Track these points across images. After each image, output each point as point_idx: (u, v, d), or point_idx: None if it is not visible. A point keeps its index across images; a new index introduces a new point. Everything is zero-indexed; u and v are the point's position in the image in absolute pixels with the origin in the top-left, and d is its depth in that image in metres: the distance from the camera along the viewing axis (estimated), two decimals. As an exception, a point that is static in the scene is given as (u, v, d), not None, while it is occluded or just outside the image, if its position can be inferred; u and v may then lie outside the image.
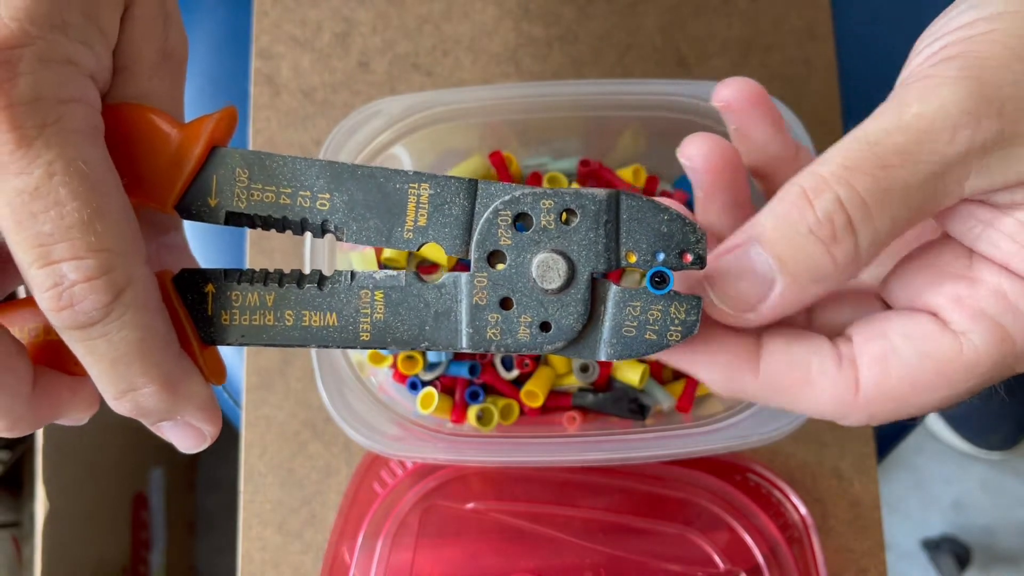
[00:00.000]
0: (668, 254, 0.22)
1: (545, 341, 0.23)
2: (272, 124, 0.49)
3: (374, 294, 0.23)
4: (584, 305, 0.23)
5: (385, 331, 0.23)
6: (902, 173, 0.21)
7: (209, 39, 0.54)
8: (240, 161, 0.23)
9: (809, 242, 0.22)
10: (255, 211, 0.23)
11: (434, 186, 0.23)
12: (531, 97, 0.40)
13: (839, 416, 0.24)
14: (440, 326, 0.23)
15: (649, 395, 0.43)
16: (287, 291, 0.23)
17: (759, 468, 0.44)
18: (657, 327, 0.23)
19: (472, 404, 0.42)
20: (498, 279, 0.23)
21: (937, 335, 0.23)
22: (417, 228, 0.23)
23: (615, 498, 0.43)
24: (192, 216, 0.23)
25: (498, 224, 0.23)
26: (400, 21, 0.50)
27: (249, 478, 0.46)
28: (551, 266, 0.22)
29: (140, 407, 0.23)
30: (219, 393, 0.54)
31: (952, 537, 1.06)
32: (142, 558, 0.91)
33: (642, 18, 0.50)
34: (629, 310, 0.23)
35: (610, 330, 0.23)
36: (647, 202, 0.22)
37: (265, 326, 0.23)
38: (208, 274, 0.24)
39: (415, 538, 0.42)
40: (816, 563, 0.42)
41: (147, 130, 0.23)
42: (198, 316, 0.24)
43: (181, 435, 0.24)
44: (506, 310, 0.23)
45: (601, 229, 0.22)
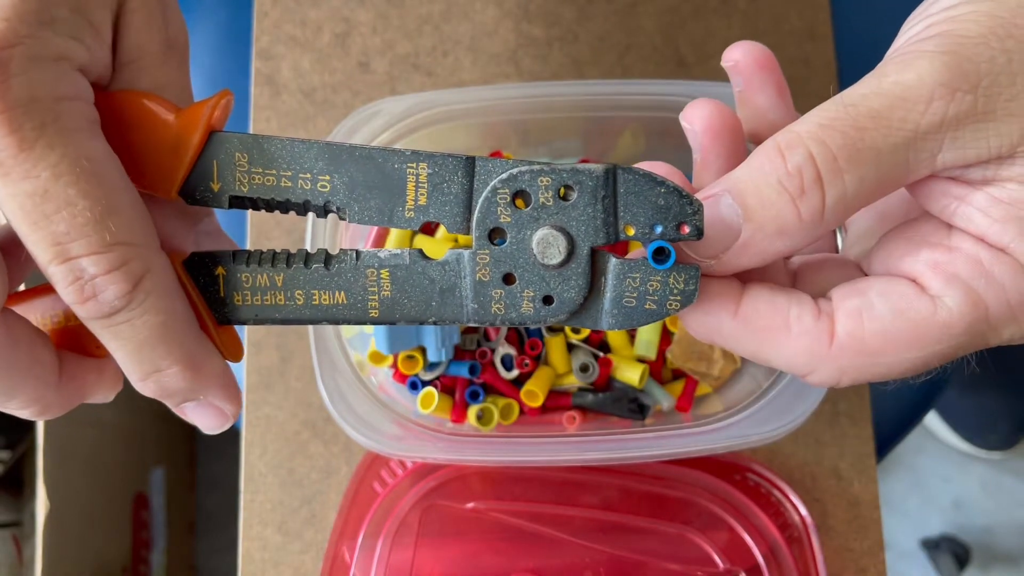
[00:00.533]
0: (665, 226, 0.23)
1: (549, 314, 0.23)
2: (272, 124, 0.49)
3: (380, 272, 0.24)
4: (585, 279, 0.23)
5: (393, 307, 0.24)
6: (874, 136, 0.22)
7: (209, 39, 0.54)
8: (239, 145, 0.23)
9: (777, 193, 0.22)
10: (258, 194, 0.23)
11: (432, 164, 0.23)
12: (531, 97, 0.40)
13: (809, 368, 0.24)
14: (446, 301, 0.24)
15: (649, 395, 0.43)
16: (295, 271, 0.24)
17: (758, 468, 0.44)
18: (657, 297, 0.23)
19: (472, 404, 0.42)
20: (500, 256, 0.23)
21: (913, 296, 0.23)
22: (418, 207, 0.23)
23: (615, 498, 0.43)
24: (196, 201, 0.24)
25: (497, 202, 0.23)
26: (400, 21, 0.50)
27: (249, 478, 0.46)
28: (551, 243, 0.23)
29: (165, 388, 0.23)
30: (219, 393, 0.54)
31: (951, 537, 1.06)
32: (143, 558, 0.91)
33: (642, 18, 0.50)
34: (629, 281, 0.23)
35: (611, 301, 0.23)
36: (644, 176, 0.23)
37: (277, 305, 0.24)
38: (218, 256, 0.24)
39: (415, 538, 0.42)
40: (816, 563, 0.42)
41: (145, 117, 0.23)
42: (211, 298, 0.24)
43: (204, 415, 0.25)
44: (509, 285, 0.23)
45: (599, 204, 0.23)
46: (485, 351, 0.43)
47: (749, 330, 0.24)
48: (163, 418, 0.98)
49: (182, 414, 0.25)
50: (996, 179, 0.22)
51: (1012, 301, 0.22)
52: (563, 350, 0.43)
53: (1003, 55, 0.21)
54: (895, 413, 0.52)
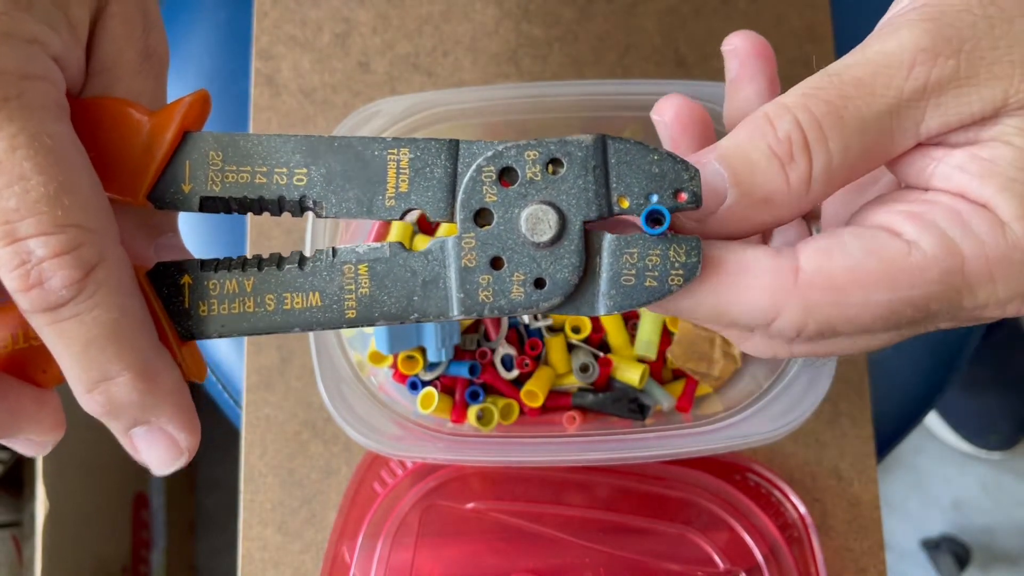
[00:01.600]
0: (661, 195, 0.21)
1: (541, 298, 0.22)
2: (272, 124, 0.49)
3: (358, 268, 0.22)
4: (579, 256, 0.22)
5: (371, 306, 0.22)
6: (859, 103, 0.22)
7: (209, 39, 0.54)
8: (213, 144, 0.22)
9: (765, 159, 0.22)
10: (230, 193, 0.22)
11: (414, 150, 0.22)
12: (531, 97, 0.40)
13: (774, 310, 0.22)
14: (429, 295, 0.22)
15: (649, 395, 0.43)
16: (267, 274, 0.22)
17: (759, 468, 0.44)
18: (657, 273, 0.22)
19: (472, 404, 0.42)
20: (486, 238, 0.22)
21: (887, 239, 0.22)
22: (399, 194, 0.22)
23: (615, 498, 0.43)
24: (166, 205, 0.23)
25: (482, 181, 0.22)
26: (400, 21, 0.50)
27: (249, 478, 0.46)
28: (541, 218, 0.22)
29: (113, 401, 0.21)
30: (219, 393, 0.54)
31: (952, 537, 1.06)
32: (142, 558, 0.91)
33: (642, 19, 0.50)
34: (626, 258, 0.22)
35: (608, 281, 0.22)
36: (635, 144, 0.22)
37: (245, 313, 0.22)
38: (184, 265, 0.23)
39: (415, 538, 0.42)
40: (816, 563, 0.42)
41: (117, 120, 0.23)
42: (175, 310, 0.23)
43: (156, 446, 0.23)
44: (497, 270, 0.22)
45: (590, 175, 0.22)
46: (485, 351, 0.43)
47: (705, 284, 0.23)
48: (163, 418, 0.98)
49: (130, 445, 0.23)
50: (978, 140, 0.22)
51: (990, 256, 0.22)
52: (563, 350, 0.43)
53: (984, 21, 0.21)
54: (895, 413, 0.52)
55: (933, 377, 0.52)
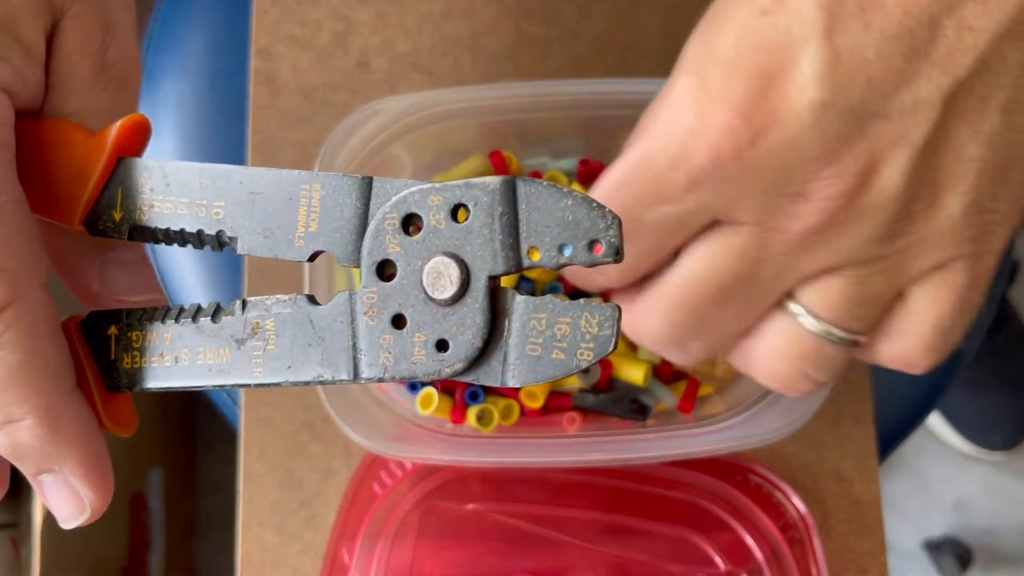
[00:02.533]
0: (575, 246, 0.19)
1: (444, 364, 0.20)
2: (271, 124, 0.49)
3: (265, 323, 0.21)
4: (482, 315, 0.20)
5: (277, 364, 0.21)
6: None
7: (207, 38, 0.54)
8: (144, 171, 0.22)
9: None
10: (156, 223, 0.22)
11: (326, 186, 0.20)
12: (532, 96, 0.39)
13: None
14: (332, 354, 0.20)
15: (651, 394, 0.43)
16: (183, 327, 0.21)
17: (760, 469, 0.44)
18: (566, 344, 0.19)
19: (472, 404, 0.41)
20: (389, 292, 0.20)
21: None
22: (308, 235, 0.21)
23: (615, 499, 0.43)
24: (99, 232, 0.22)
25: (386, 229, 0.20)
26: (400, 20, 0.50)
27: (248, 479, 0.46)
28: (442, 272, 0.20)
29: (16, 444, 0.20)
30: (217, 394, 0.53)
31: (954, 538, 1.06)
32: (141, 559, 0.91)
33: (643, 17, 0.49)
34: (534, 323, 0.19)
35: (515, 349, 0.20)
36: (548, 187, 0.19)
37: (164, 368, 0.21)
38: (113, 315, 0.22)
39: (415, 539, 0.42)
40: (817, 564, 0.42)
41: (59, 143, 0.22)
42: (103, 362, 0.22)
43: (58, 496, 0.22)
44: (399, 329, 0.20)
45: (496, 223, 0.19)
46: (485, 351, 0.42)
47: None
48: (161, 419, 0.98)
49: (40, 491, 0.22)
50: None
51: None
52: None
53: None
54: (898, 414, 0.51)
55: (935, 377, 0.52)
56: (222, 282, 0.52)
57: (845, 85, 0.23)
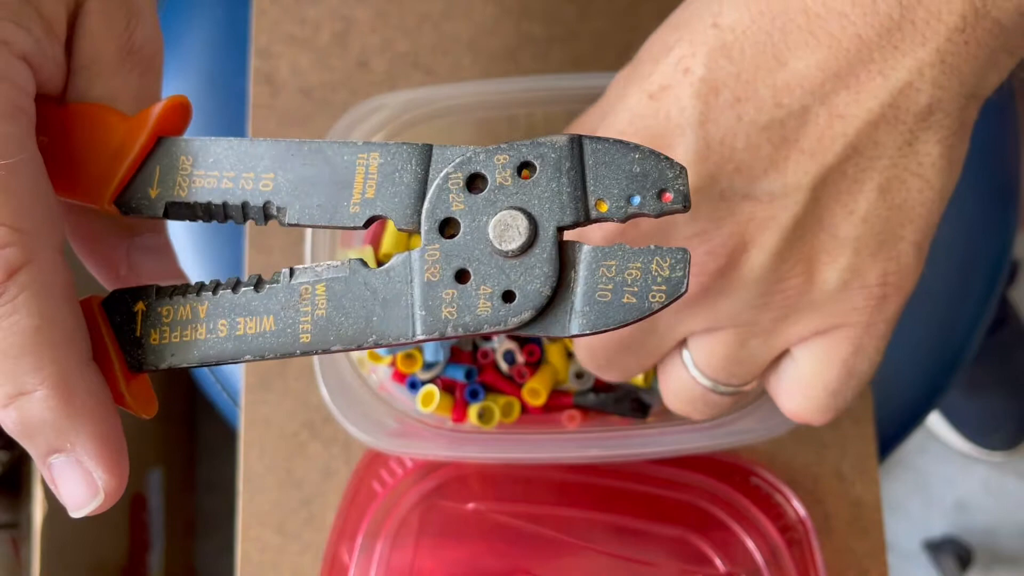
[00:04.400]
0: (644, 196, 0.20)
1: (510, 313, 0.20)
2: (271, 123, 0.49)
3: (315, 288, 0.21)
4: (552, 265, 0.20)
5: (327, 328, 0.21)
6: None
7: (207, 38, 0.54)
8: (185, 148, 0.22)
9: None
10: (195, 198, 0.22)
11: (384, 154, 0.21)
12: (529, 91, 0.39)
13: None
14: (389, 314, 0.20)
15: (654, 393, 0.42)
16: (221, 298, 0.21)
17: (759, 470, 0.44)
18: (637, 288, 0.20)
19: (472, 403, 0.41)
20: (451, 249, 0.20)
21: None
22: (364, 201, 0.21)
23: (615, 499, 0.43)
24: (132, 211, 0.22)
25: (449, 189, 0.20)
26: (399, 20, 0.50)
27: (248, 479, 0.46)
28: (509, 224, 0.20)
29: (28, 418, 0.19)
30: (217, 393, 0.53)
31: (954, 538, 1.05)
32: (141, 559, 0.91)
33: (643, 17, 0.49)
34: (603, 271, 0.20)
35: (582, 296, 0.20)
36: (614, 143, 0.20)
37: (196, 341, 0.21)
38: (140, 291, 0.22)
39: (415, 538, 0.42)
40: (817, 564, 0.42)
41: (93, 126, 0.22)
42: (126, 340, 0.21)
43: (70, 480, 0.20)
44: (463, 283, 0.20)
45: (564, 178, 0.20)
46: (487, 351, 0.42)
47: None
48: (161, 419, 0.98)
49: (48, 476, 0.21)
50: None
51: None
52: (563, 356, 0.43)
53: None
54: (898, 414, 0.51)
55: (935, 377, 0.52)
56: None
57: (715, 172, 0.25)
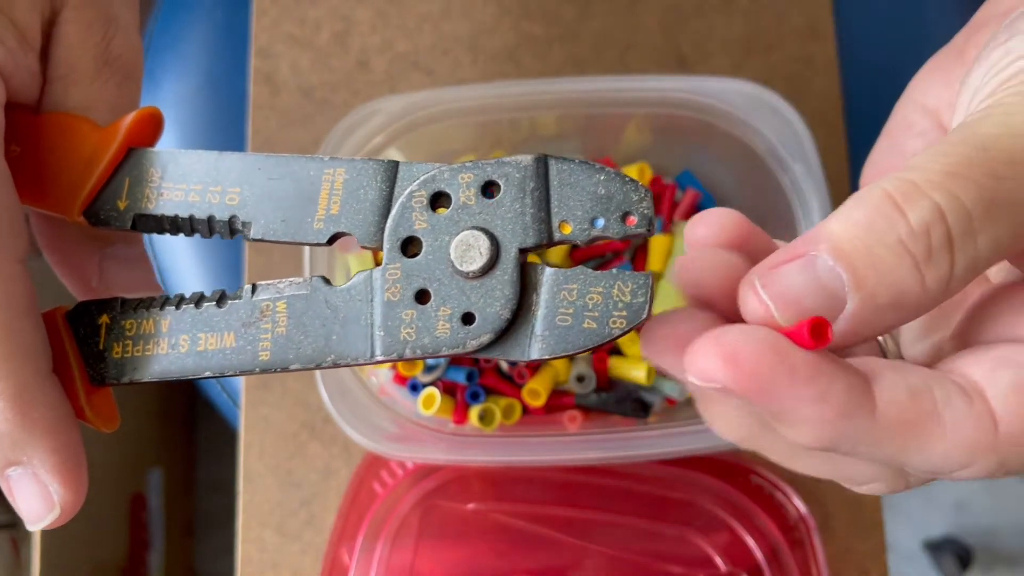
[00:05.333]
0: (608, 219, 0.19)
1: (469, 336, 0.20)
2: (271, 123, 0.49)
3: (276, 305, 0.21)
4: (512, 287, 0.19)
5: (287, 347, 0.20)
6: (1012, 185, 0.18)
7: (207, 38, 0.54)
8: (155, 160, 0.22)
9: (896, 257, 0.18)
10: (163, 211, 0.21)
11: (350, 170, 0.21)
12: (530, 95, 0.39)
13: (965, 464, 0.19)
14: (349, 334, 0.20)
15: (657, 391, 0.42)
16: (183, 313, 0.21)
17: (760, 469, 0.44)
18: (598, 313, 0.19)
19: (473, 405, 0.41)
20: (412, 269, 0.20)
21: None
22: (329, 217, 0.21)
23: (616, 499, 0.43)
24: (101, 222, 0.22)
25: (412, 207, 0.20)
26: (399, 20, 0.49)
27: (248, 479, 0.46)
28: (471, 244, 0.20)
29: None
30: (218, 394, 0.53)
31: (954, 538, 1.06)
32: (140, 559, 0.91)
33: (643, 17, 0.49)
34: (564, 294, 0.19)
35: (542, 320, 0.19)
36: (580, 164, 0.20)
37: (158, 355, 0.21)
38: (106, 305, 0.22)
39: (415, 539, 0.42)
40: (817, 564, 0.42)
41: (65, 136, 0.22)
42: (89, 353, 0.21)
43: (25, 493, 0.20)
44: (422, 304, 0.20)
45: (528, 198, 0.20)
46: (487, 353, 0.42)
47: (895, 428, 0.18)
48: (161, 419, 0.98)
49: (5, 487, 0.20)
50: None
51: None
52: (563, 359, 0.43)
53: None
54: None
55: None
56: (223, 275, 0.52)
57: None
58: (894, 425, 0.18)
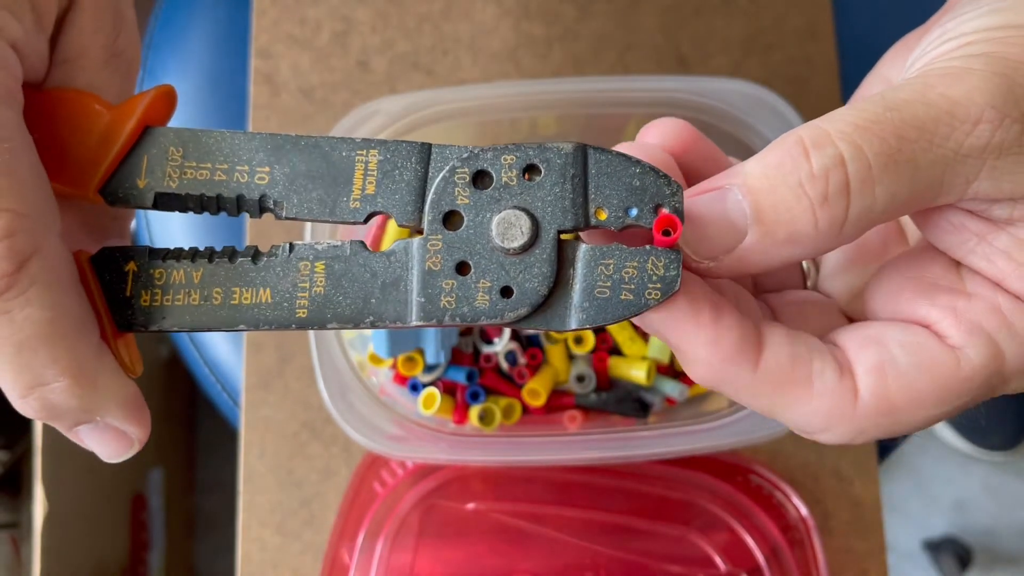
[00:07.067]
0: (641, 209, 0.20)
1: (507, 308, 0.21)
2: (271, 123, 0.49)
3: (314, 266, 0.21)
4: (550, 265, 0.21)
5: (325, 306, 0.21)
6: (914, 148, 0.19)
7: (208, 38, 0.54)
8: (174, 139, 0.22)
9: (794, 197, 0.20)
10: (187, 190, 0.21)
11: (384, 151, 0.21)
12: (530, 95, 0.39)
13: (824, 428, 0.22)
14: (388, 298, 0.21)
15: (658, 391, 0.42)
16: (217, 266, 0.21)
17: (760, 469, 0.44)
18: (633, 286, 0.20)
19: (473, 404, 0.41)
20: (454, 241, 0.21)
21: (935, 348, 0.21)
22: (364, 197, 0.21)
23: (616, 499, 0.43)
24: (119, 200, 0.22)
25: (455, 183, 0.21)
26: (400, 20, 0.50)
27: (248, 479, 0.46)
28: (513, 223, 0.21)
29: (51, 406, 0.20)
30: (218, 393, 0.53)
31: (953, 538, 1.06)
32: (141, 559, 0.91)
33: (642, 17, 0.49)
34: (601, 269, 0.20)
35: (581, 293, 0.21)
36: (617, 155, 0.21)
37: (189, 306, 0.21)
38: (131, 251, 0.22)
39: (415, 539, 0.42)
40: (817, 564, 0.42)
41: (77, 112, 0.22)
42: (115, 299, 0.21)
43: (102, 440, 0.22)
44: (463, 275, 0.21)
45: (568, 184, 0.21)
46: (490, 355, 0.42)
47: (770, 385, 0.21)
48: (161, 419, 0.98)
49: (76, 439, 0.22)
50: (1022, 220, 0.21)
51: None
52: (564, 358, 0.43)
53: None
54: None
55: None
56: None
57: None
58: (771, 382, 0.21)
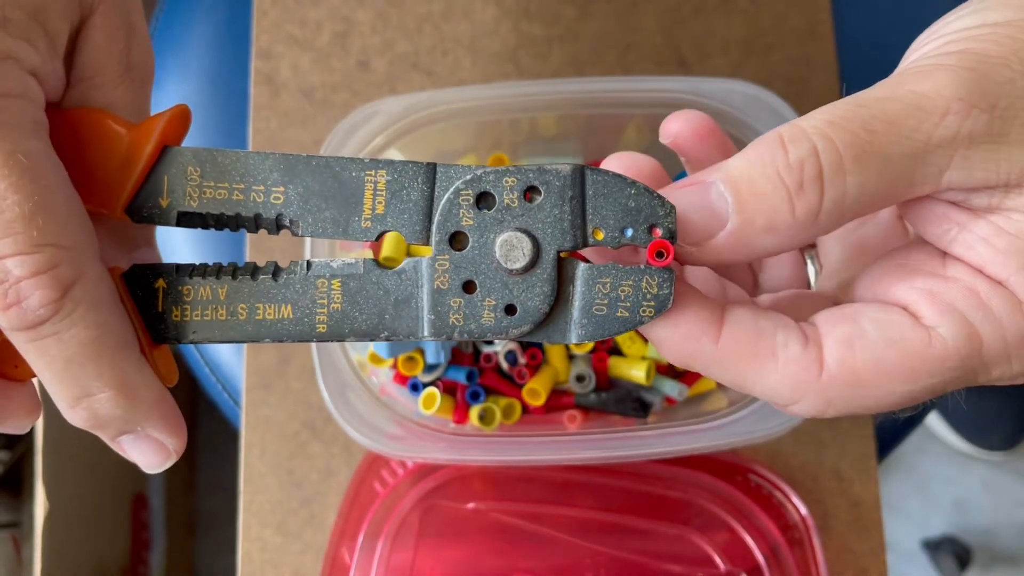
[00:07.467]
0: (636, 229, 0.22)
1: (511, 325, 0.22)
2: (272, 124, 0.49)
3: (331, 283, 0.23)
4: (551, 285, 0.22)
5: (343, 322, 0.23)
6: (884, 140, 0.21)
7: (209, 39, 0.54)
8: (192, 159, 0.23)
9: (772, 186, 0.21)
10: (207, 209, 0.23)
11: (391, 172, 0.22)
12: (530, 96, 0.39)
13: (793, 399, 0.23)
14: (400, 314, 0.22)
15: (657, 390, 0.43)
16: (240, 283, 0.23)
17: (760, 469, 0.44)
18: (629, 303, 0.22)
19: (473, 404, 0.42)
20: (460, 261, 0.22)
21: (906, 325, 0.22)
22: (375, 216, 0.22)
23: (616, 498, 0.43)
24: (144, 219, 0.23)
25: (460, 204, 0.22)
26: (400, 21, 0.50)
27: (249, 479, 0.46)
28: (515, 245, 0.22)
29: (97, 416, 0.22)
30: (219, 393, 0.53)
31: (953, 537, 1.06)
32: (142, 559, 0.91)
33: (642, 17, 0.50)
34: (599, 287, 0.22)
35: (580, 310, 0.22)
36: (613, 177, 0.22)
37: (217, 321, 0.23)
38: (160, 269, 0.23)
39: (416, 538, 0.42)
40: (817, 563, 0.42)
41: (97, 132, 0.23)
42: (148, 314, 0.23)
43: (144, 451, 0.23)
44: (469, 294, 0.22)
45: (566, 206, 0.22)
46: (490, 355, 0.42)
47: (732, 358, 0.23)
48: (162, 419, 0.97)
49: (119, 449, 0.23)
50: (1001, 207, 0.21)
51: (1008, 338, 0.22)
52: (563, 358, 0.43)
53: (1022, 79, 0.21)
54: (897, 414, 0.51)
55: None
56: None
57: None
58: (734, 355, 0.22)
